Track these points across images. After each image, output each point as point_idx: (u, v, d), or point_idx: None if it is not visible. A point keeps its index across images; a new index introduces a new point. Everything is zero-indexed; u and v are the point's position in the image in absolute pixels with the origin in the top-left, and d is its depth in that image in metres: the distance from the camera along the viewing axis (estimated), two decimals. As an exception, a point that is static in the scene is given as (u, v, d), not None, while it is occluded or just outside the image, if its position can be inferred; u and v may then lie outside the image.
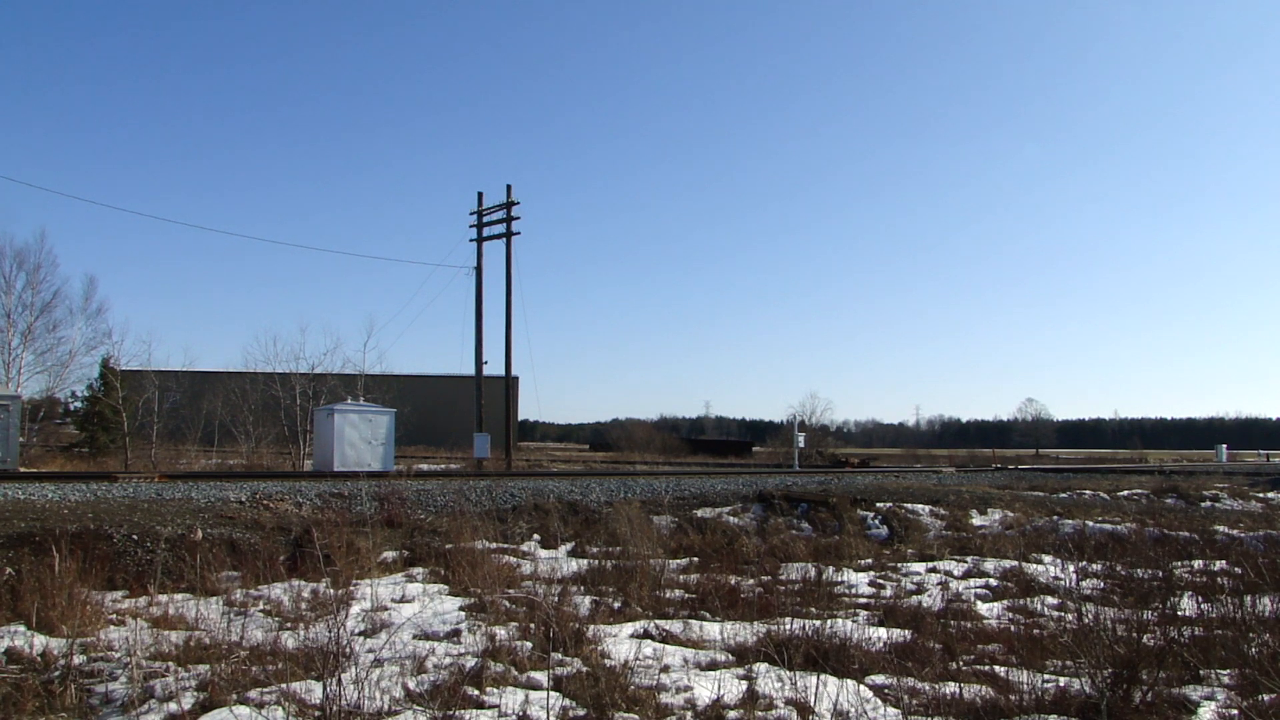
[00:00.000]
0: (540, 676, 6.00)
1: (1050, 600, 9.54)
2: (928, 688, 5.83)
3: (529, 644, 6.87)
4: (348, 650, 6.14)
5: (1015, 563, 12.11)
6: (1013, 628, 8.15)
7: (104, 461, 31.48)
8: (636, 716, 5.31)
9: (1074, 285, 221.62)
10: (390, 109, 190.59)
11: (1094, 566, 11.15)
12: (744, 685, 5.99)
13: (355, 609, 8.31)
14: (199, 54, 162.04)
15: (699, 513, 16.23)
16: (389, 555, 11.49)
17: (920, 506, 17.48)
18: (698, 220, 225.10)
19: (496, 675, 6.03)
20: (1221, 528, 15.25)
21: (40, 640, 6.67)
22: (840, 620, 7.80)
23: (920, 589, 10.46)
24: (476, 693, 5.65)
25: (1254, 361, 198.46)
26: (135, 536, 10.44)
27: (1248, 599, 8.18)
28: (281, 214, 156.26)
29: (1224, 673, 6.41)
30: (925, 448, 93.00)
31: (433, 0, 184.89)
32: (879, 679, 6.19)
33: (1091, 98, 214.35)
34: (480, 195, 31.98)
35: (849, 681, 5.98)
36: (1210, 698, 5.90)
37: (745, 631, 7.45)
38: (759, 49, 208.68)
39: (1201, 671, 6.46)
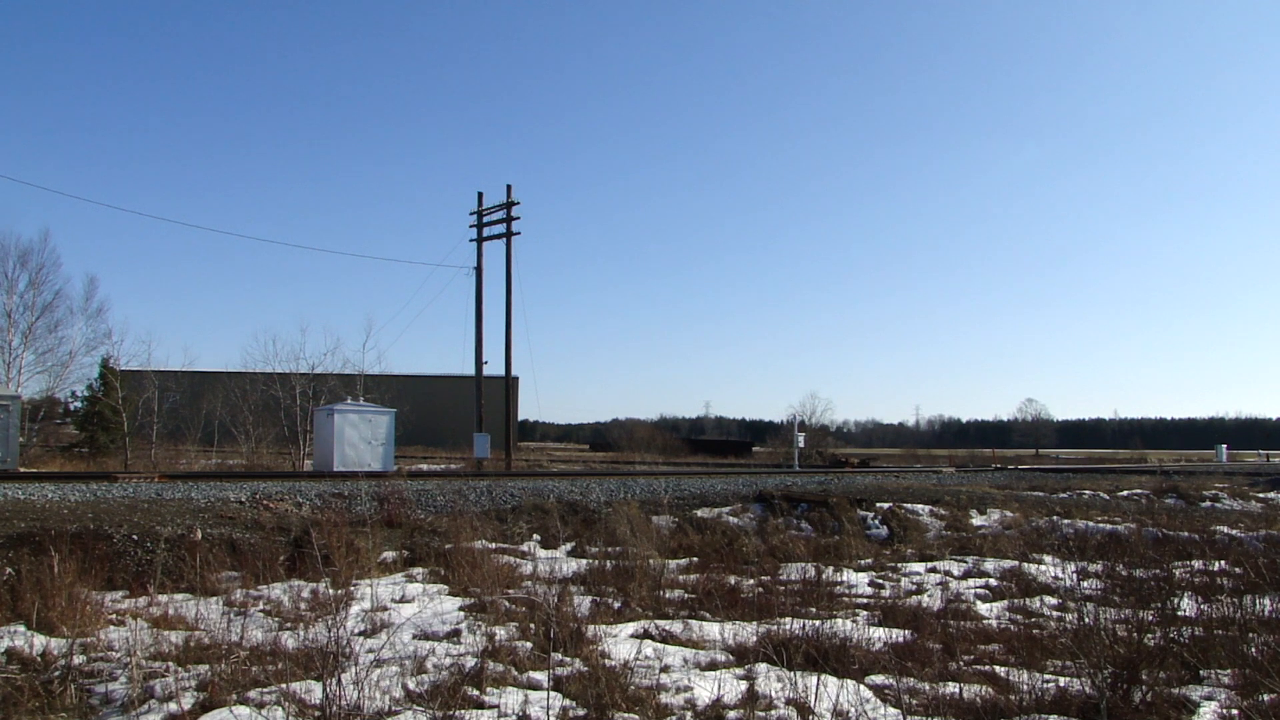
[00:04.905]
0: (540, 676, 6.00)
1: (1050, 600, 9.54)
2: (928, 688, 5.83)
3: (529, 644, 6.87)
4: (348, 650, 6.14)
5: (1015, 563, 12.11)
6: (1013, 628, 8.15)
7: (104, 461, 31.47)
8: (636, 716, 5.31)
9: (1074, 285, 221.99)
10: (390, 109, 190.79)
11: (1094, 566, 11.14)
12: (744, 685, 5.99)
13: (355, 609, 8.31)
14: (199, 54, 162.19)
15: (699, 513, 16.23)
16: (389, 555, 11.49)
17: (920, 506, 17.48)
18: (698, 220, 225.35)
19: (496, 675, 6.03)
20: (1221, 528, 15.25)
21: (40, 640, 6.67)
22: (840, 620, 7.80)
23: (920, 589, 10.46)
24: (476, 693, 5.65)
25: (1254, 361, 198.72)
26: (135, 536, 10.43)
27: (1248, 599, 8.19)
28: (281, 214, 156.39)
29: (1224, 673, 6.40)
30: (925, 448, 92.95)
31: (433, 0, 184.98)
32: (879, 679, 6.19)
33: (1091, 98, 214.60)
34: (480, 195, 31.99)
35: (849, 681, 5.98)
36: (1210, 698, 5.90)
37: (745, 631, 7.45)
38: (759, 49, 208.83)
39: (1201, 671, 6.46)
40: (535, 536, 13.85)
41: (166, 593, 8.85)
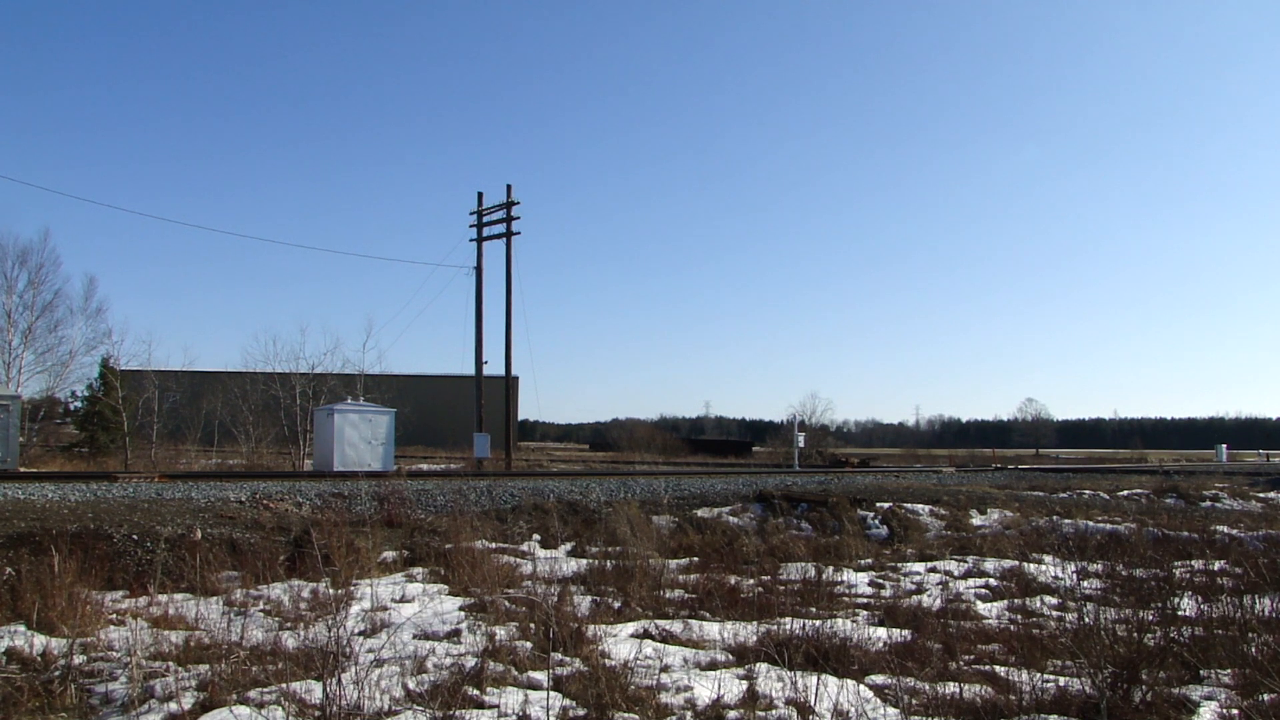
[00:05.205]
0: (540, 676, 6.00)
1: (1050, 600, 9.54)
2: (928, 688, 5.83)
3: (529, 644, 6.87)
4: (348, 650, 6.14)
5: (1015, 563, 12.11)
6: (1013, 628, 8.15)
7: (104, 461, 31.47)
8: (636, 716, 5.31)
9: (1074, 285, 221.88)
10: (390, 109, 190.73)
11: (1094, 566, 11.14)
12: (744, 685, 5.99)
13: (355, 609, 8.30)
14: (199, 54, 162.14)
15: (699, 513, 16.23)
16: (389, 555, 11.49)
17: (920, 506, 17.48)
18: (698, 220, 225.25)
19: (496, 675, 6.03)
20: (1221, 528, 15.25)
21: (40, 640, 6.67)
22: (840, 620, 7.80)
23: (920, 589, 10.46)
24: (476, 693, 5.65)
25: (1254, 361, 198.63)
26: (135, 536, 10.44)
27: (1248, 599, 8.18)
28: (281, 214, 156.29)
29: (1224, 673, 6.40)
30: (925, 448, 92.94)
31: (433, 0, 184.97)
32: (879, 679, 6.19)
33: (1091, 98, 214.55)
34: (480, 195, 32.00)
35: (849, 681, 5.98)
36: (1210, 698, 5.90)
37: (745, 631, 7.45)
38: (758, 49, 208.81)
39: (1201, 671, 6.46)
40: (535, 536, 13.86)
41: (166, 593, 8.85)
